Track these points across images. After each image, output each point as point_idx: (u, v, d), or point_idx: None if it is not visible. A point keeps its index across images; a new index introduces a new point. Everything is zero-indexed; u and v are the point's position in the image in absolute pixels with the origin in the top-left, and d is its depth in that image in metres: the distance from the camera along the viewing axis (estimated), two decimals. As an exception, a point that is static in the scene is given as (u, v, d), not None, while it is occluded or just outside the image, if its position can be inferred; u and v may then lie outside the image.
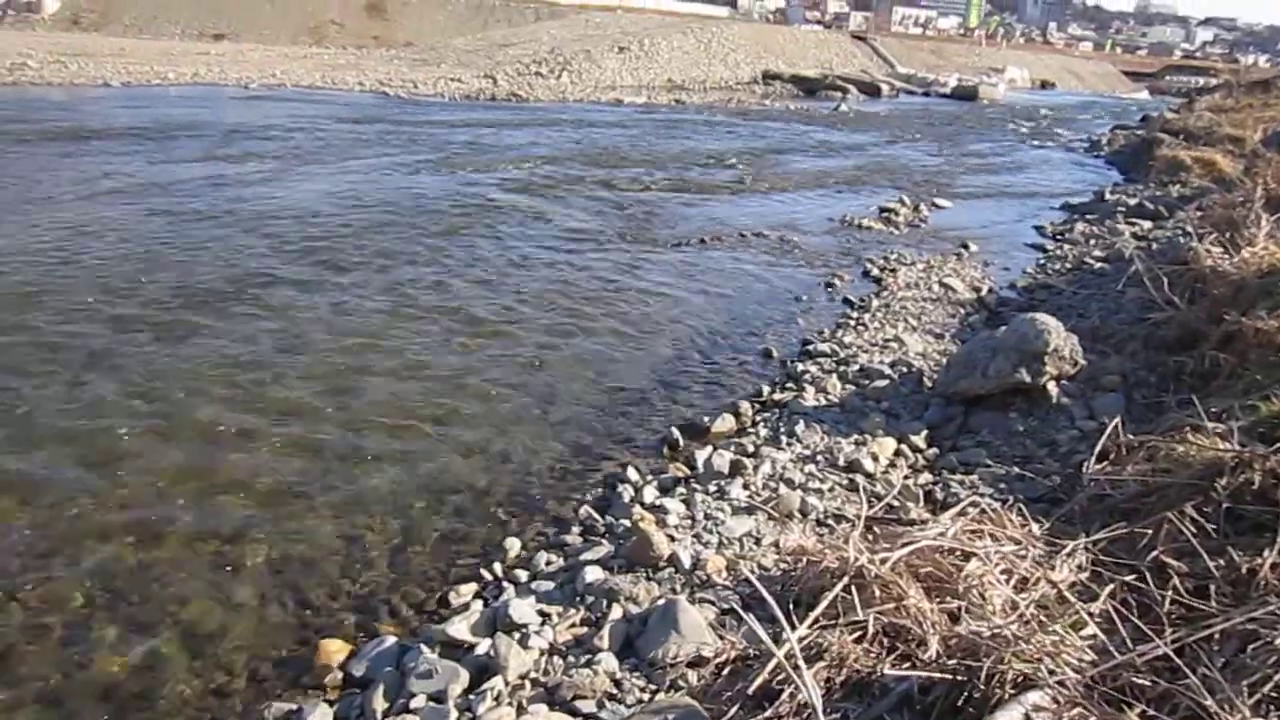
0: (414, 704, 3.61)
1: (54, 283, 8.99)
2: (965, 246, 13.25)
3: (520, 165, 18.45)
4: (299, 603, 4.56)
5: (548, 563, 4.80)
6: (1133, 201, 16.63)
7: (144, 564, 4.75)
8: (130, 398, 6.61)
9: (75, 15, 53.06)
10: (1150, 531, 4.09)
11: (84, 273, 9.39)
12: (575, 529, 5.21)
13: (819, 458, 5.93)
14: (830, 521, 5.06)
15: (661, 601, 4.05)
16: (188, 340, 7.75)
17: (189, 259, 10.18)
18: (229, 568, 4.76)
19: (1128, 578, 3.81)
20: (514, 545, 5.03)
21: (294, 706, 3.76)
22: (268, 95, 30.02)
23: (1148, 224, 14.66)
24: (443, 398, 6.97)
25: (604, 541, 4.91)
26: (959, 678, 3.11)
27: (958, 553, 3.90)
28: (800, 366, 7.87)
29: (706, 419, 6.76)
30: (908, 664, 3.28)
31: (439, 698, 3.62)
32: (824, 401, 6.98)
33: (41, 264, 9.59)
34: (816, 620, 3.54)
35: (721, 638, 3.81)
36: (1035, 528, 4.37)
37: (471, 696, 3.60)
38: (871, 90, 51.57)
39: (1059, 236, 14.59)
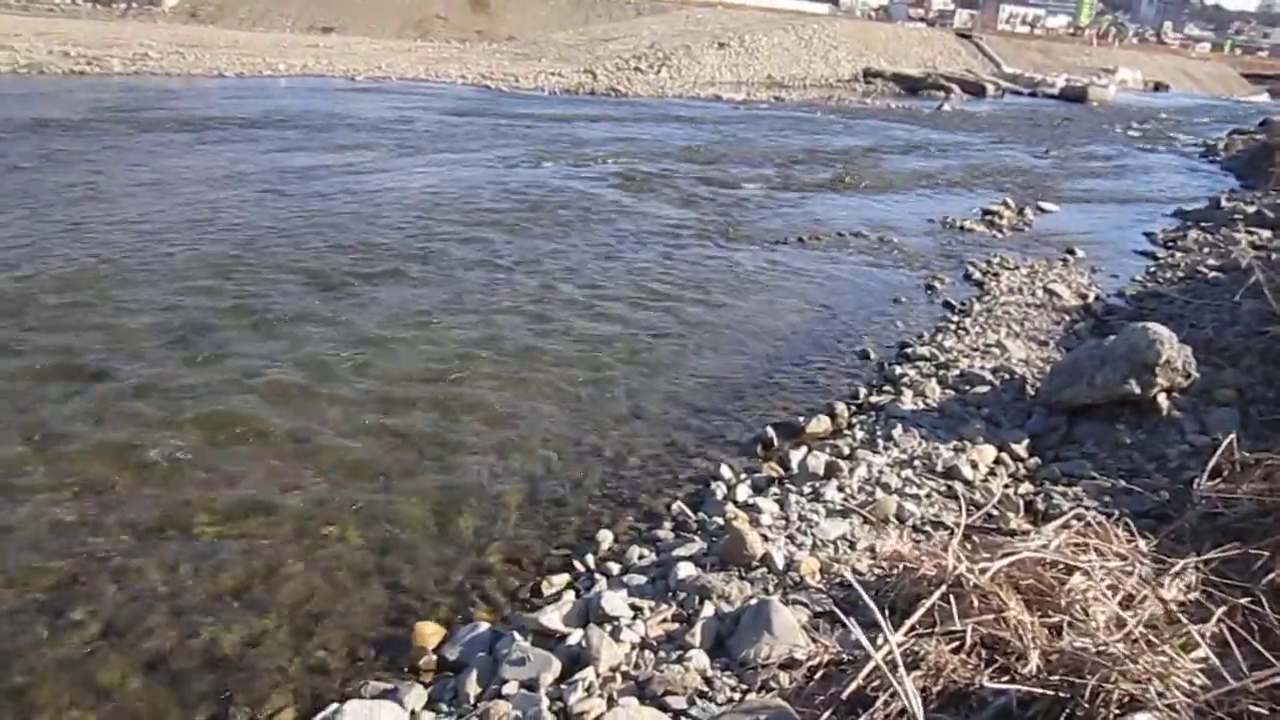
0: (506, 690, 3.65)
1: (169, 265, 9.34)
2: (1071, 252, 12.91)
3: (619, 160, 18.53)
4: (395, 585, 4.65)
5: (640, 557, 4.81)
6: (1251, 209, 16.02)
7: (249, 540, 4.89)
8: (240, 379, 6.82)
9: (193, 8, 55.02)
10: (1267, 553, 3.94)
11: (196, 256, 9.73)
12: (667, 524, 5.21)
13: (916, 463, 5.83)
14: (927, 528, 4.98)
15: (754, 601, 4.03)
16: (297, 324, 7.98)
17: (298, 246, 10.48)
18: (330, 548, 4.87)
19: (1241, 600, 3.67)
20: (606, 538, 5.06)
21: (390, 686, 3.83)
22: (374, 87, 30.69)
23: (1267, 233, 14.10)
24: (537, 388, 7.04)
25: (696, 538, 4.90)
26: (1061, 694, 3.03)
27: (1060, 566, 3.81)
28: (898, 369, 7.76)
29: (801, 419, 6.70)
30: (1006, 677, 3.22)
31: (531, 685, 3.65)
32: (922, 406, 6.86)
33: (157, 246, 9.96)
34: (912, 628, 3.48)
35: (814, 640, 3.77)
36: (1142, 544, 4.24)
37: (563, 686, 3.62)
38: (976, 90, 50.47)
39: (1171, 244, 14.12)
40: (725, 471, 5.82)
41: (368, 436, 6.11)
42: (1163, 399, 6.40)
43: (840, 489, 5.38)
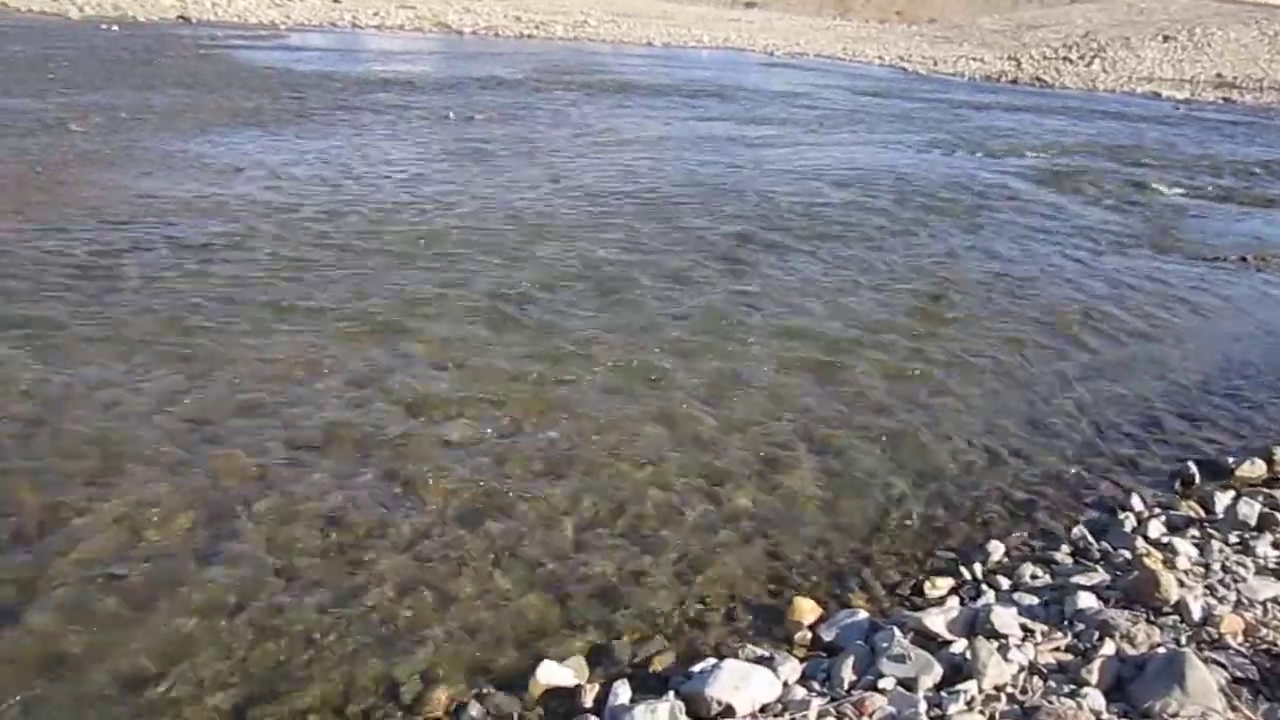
0: (882, 683, 3.56)
1: (592, 216, 10.08)
2: None
3: (1038, 154, 17.57)
4: (775, 555, 4.68)
5: (1033, 576, 4.52)
6: None
7: (643, 485, 5.15)
8: (643, 330, 7.25)
9: (630, -24, 58.35)
10: None
11: (614, 211, 10.42)
12: (1065, 547, 4.86)
13: (1374, 531, 5.03)
14: (1384, 610, 4.28)
15: (1163, 650, 3.66)
16: (696, 285, 8.36)
17: (707, 210, 10.98)
18: (717, 507, 5.02)
19: None
20: (997, 549, 4.80)
21: (766, 653, 3.85)
22: (790, 63, 31.14)
23: None
24: (928, 380, 6.86)
25: (1098, 569, 4.52)
26: None
27: None
28: (1358, 420, 6.73)
29: (1231, 459, 5.96)
30: None
31: (909, 685, 3.55)
32: (1386, 466, 5.91)
33: (580, 199, 10.77)
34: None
35: (1234, 709, 3.36)
36: None
37: (942, 693, 3.48)
38: None
39: None
40: (1135, 502, 5.33)
41: (761, 403, 6.25)
42: None
43: (1275, 545, 4.75)
